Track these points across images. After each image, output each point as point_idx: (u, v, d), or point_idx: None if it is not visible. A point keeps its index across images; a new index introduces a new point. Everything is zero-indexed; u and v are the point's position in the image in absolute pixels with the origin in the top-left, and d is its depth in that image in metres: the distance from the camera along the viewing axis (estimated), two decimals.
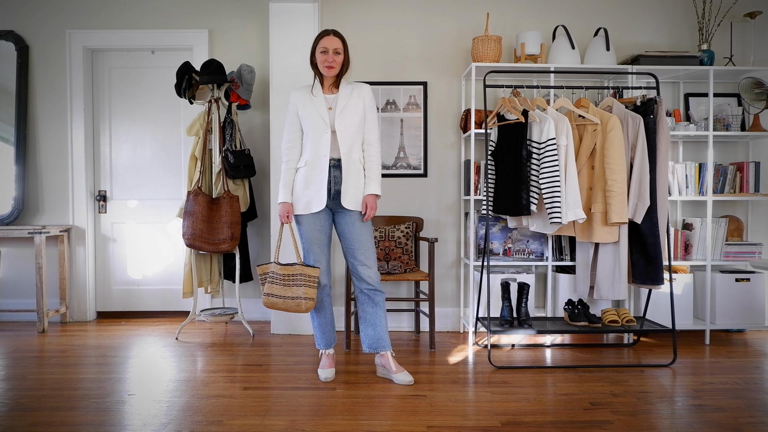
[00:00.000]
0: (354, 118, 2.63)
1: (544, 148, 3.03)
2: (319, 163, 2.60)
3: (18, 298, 4.04)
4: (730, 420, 2.23)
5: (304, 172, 2.63)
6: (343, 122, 2.60)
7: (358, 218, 2.64)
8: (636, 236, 3.14)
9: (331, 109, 2.63)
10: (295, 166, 2.68)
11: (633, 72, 3.36)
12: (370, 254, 2.66)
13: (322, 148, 2.59)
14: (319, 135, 2.60)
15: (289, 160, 2.68)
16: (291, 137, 2.69)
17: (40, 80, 3.99)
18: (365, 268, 2.65)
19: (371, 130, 2.69)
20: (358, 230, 2.65)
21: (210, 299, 4.02)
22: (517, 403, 2.40)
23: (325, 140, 2.59)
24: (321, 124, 2.60)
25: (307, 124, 2.63)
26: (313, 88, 2.68)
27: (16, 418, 2.23)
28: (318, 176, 2.60)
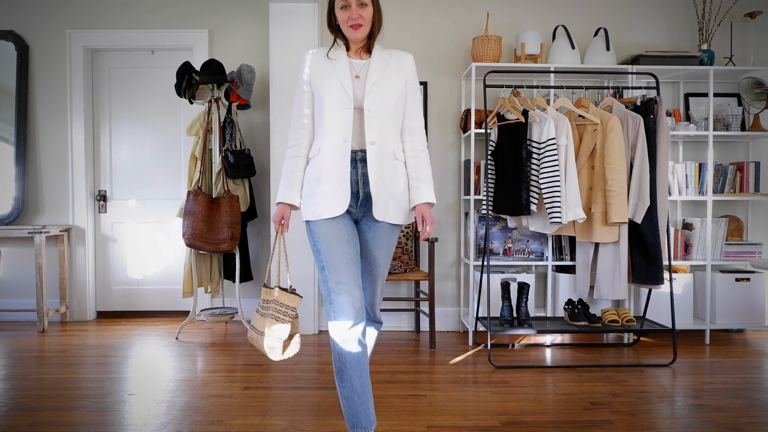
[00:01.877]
0: (391, 94, 1.90)
1: (544, 148, 3.03)
2: (336, 150, 1.86)
3: (18, 297, 4.04)
4: (730, 420, 2.23)
5: (318, 162, 1.90)
6: (376, 98, 1.87)
7: (387, 233, 1.94)
8: (636, 236, 3.14)
9: (358, 78, 1.91)
10: (304, 153, 1.95)
11: (633, 72, 3.36)
12: (382, 281, 2.01)
13: (342, 130, 1.86)
14: (338, 112, 1.87)
15: (295, 146, 1.94)
16: (300, 115, 1.96)
17: (40, 80, 3.99)
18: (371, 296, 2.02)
19: (415, 116, 1.99)
20: (383, 249, 1.94)
21: (210, 299, 4.02)
22: (517, 403, 2.40)
23: (347, 119, 1.85)
24: (342, 97, 1.86)
25: (323, 97, 1.89)
26: (330, 50, 1.96)
27: (16, 418, 2.23)
28: (336, 169, 1.86)
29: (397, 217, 1.92)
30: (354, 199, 1.90)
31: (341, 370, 1.80)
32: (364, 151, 1.88)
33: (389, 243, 1.97)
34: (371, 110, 1.87)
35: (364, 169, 1.88)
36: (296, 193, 1.92)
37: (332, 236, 1.84)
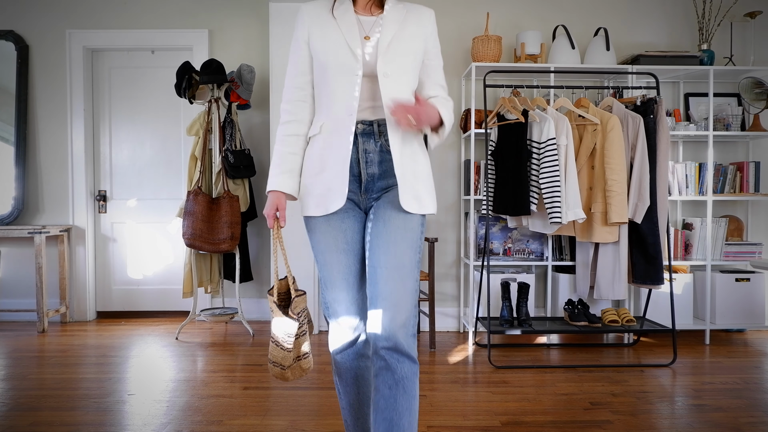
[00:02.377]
0: (409, 58, 1.54)
1: (544, 148, 3.03)
2: (340, 127, 1.50)
3: (18, 298, 4.04)
4: (730, 420, 2.23)
5: (320, 143, 1.53)
6: (392, 62, 1.51)
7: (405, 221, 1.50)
8: (636, 236, 3.14)
9: (368, 39, 1.53)
10: (303, 132, 1.58)
11: (633, 72, 3.36)
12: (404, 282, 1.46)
13: (347, 102, 1.49)
14: (343, 79, 1.50)
15: (292, 123, 1.57)
16: (296, 85, 1.58)
17: (40, 80, 3.99)
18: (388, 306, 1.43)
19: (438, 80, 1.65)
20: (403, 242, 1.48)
21: (210, 299, 4.02)
22: (517, 403, 2.40)
23: (354, 88, 1.49)
24: (350, 62, 1.49)
25: (326, 62, 1.51)
26: (334, 5, 1.57)
27: (16, 418, 2.23)
28: (338, 150, 1.50)
29: (428, 206, 1.54)
30: (356, 183, 1.53)
31: (338, 384, 1.66)
32: (368, 123, 1.51)
33: (411, 235, 1.51)
34: (387, 74, 1.50)
35: (366, 144, 1.51)
36: (293, 178, 1.55)
37: (327, 245, 1.54)
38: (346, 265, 1.53)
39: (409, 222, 1.51)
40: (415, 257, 1.50)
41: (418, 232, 1.53)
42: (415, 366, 1.45)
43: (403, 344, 1.42)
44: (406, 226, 1.50)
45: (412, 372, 1.43)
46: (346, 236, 1.53)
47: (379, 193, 1.54)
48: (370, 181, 1.53)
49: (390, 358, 1.42)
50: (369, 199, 1.56)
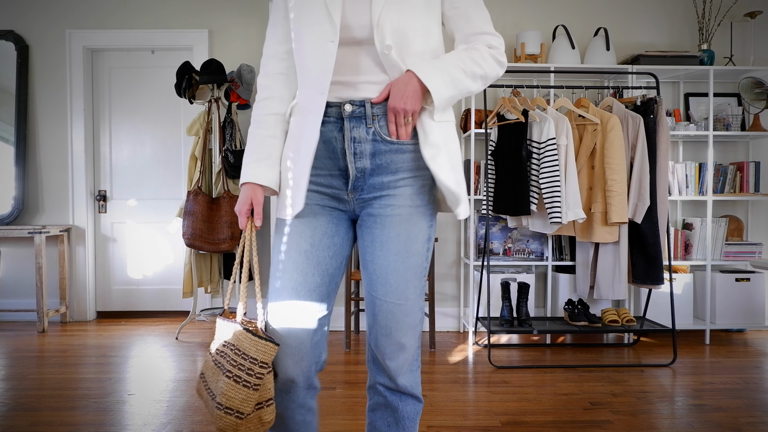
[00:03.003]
0: (413, 3, 1.17)
1: (544, 148, 3.03)
2: (310, 109, 1.19)
3: (18, 297, 4.04)
4: (730, 420, 2.23)
5: (293, 128, 1.25)
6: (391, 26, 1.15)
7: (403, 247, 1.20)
8: (636, 236, 3.14)
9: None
10: (282, 111, 1.28)
11: (633, 72, 3.36)
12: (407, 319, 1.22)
13: (318, 76, 1.17)
14: (316, 46, 1.18)
15: (268, 100, 1.27)
16: (273, 55, 1.28)
17: (40, 80, 3.99)
18: (389, 344, 1.23)
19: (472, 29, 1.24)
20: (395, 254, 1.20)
21: (210, 299, 4.02)
22: (517, 403, 2.40)
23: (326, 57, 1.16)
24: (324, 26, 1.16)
25: (299, 25, 1.20)
26: None
27: (16, 418, 2.23)
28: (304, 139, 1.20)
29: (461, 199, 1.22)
30: (342, 179, 1.22)
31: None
32: (358, 104, 1.18)
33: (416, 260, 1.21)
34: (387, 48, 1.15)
35: (355, 131, 1.18)
36: (272, 167, 1.23)
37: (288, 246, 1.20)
38: (303, 272, 1.19)
39: (413, 243, 1.21)
40: (420, 283, 1.23)
41: (424, 250, 1.23)
42: (419, 405, 1.28)
43: (407, 385, 1.25)
44: (409, 250, 1.20)
45: (415, 412, 1.27)
46: (314, 237, 1.20)
47: (374, 194, 1.22)
48: (360, 177, 1.20)
49: (391, 396, 1.26)
50: (359, 200, 1.23)
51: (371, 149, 1.19)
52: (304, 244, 1.20)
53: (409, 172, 1.22)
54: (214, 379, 1.19)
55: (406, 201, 1.21)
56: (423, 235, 1.23)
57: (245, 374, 1.11)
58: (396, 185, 1.21)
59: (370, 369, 1.28)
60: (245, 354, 1.12)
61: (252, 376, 1.11)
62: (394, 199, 1.21)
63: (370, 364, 1.29)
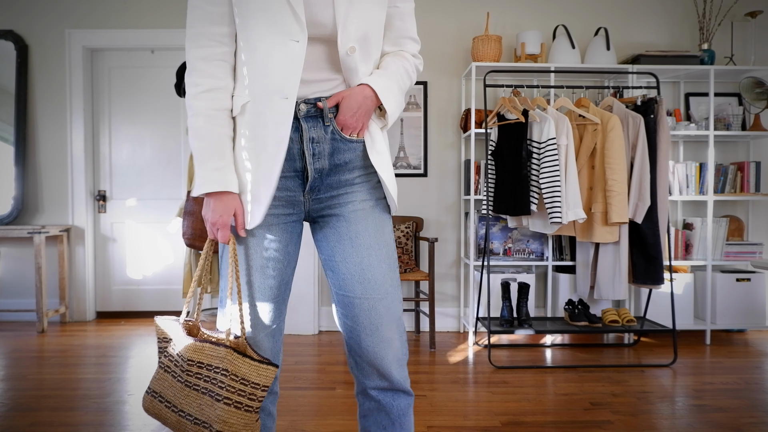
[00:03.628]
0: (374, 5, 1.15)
1: (545, 148, 3.03)
2: (269, 113, 1.11)
3: (17, 298, 4.04)
4: (731, 420, 2.23)
5: (245, 131, 1.15)
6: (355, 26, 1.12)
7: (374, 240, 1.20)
8: (636, 236, 3.13)
9: None
10: (230, 105, 1.17)
11: (633, 72, 3.36)
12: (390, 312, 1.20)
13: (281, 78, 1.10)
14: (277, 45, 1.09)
15: (217, 91, 1.14)
16: (208, 34, 1.13)
17: (39, 80, 3.98)
18: (377, 342, 1.19)
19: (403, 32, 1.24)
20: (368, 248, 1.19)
21: (210, 299, 4.01)
22: (517, 403, 2.39)
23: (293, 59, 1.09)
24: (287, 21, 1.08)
25: (247, 12, 1.10)
26: None
27: (15, 418, 2.23)
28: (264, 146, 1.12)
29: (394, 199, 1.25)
30: (298, 180, 1.18)
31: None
32: (313, 103, 1.14)
33: (387, 250, 1.21)
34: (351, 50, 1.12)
35: (313, 131, 1.13)
36: (234, 173, 1.16)
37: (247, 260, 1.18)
38: (267, 287, 1.18)
39: (381, 235, 1.20)
40: (395, 274, 1.21)
41: (391, 241, 1.23)
42: (411, 398, 1.25)
43: (398, 380, 1.21)
44: (380, 241, 1.19)
45: (408, 404, 1.24)
46: (269, 251, 1.18)
47: (330, 193, 1.19)
48: (318, 178, 1.17)
49: (384, 398, 1.22)
50: (315, 200, 1.20)
51: (330, 149, 1.16)
52: (259, 259, 1.17)
53: (364, 169, 1.22)
54: (188, 401, 1.11)
55: (366, 195, 1.21)
56: (388, 226, 1.23)
57: (247, 399, 1.08)
58: (353, 182, 1.21)
59: (356, 375, 1.25)
60: (245, 379, 1.08)
61: (254, 401, 1.09)
62: (354, 195, 1.20)
63: (354, 370, 1.25)
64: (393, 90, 1.17)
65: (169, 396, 1.14)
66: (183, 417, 1.11)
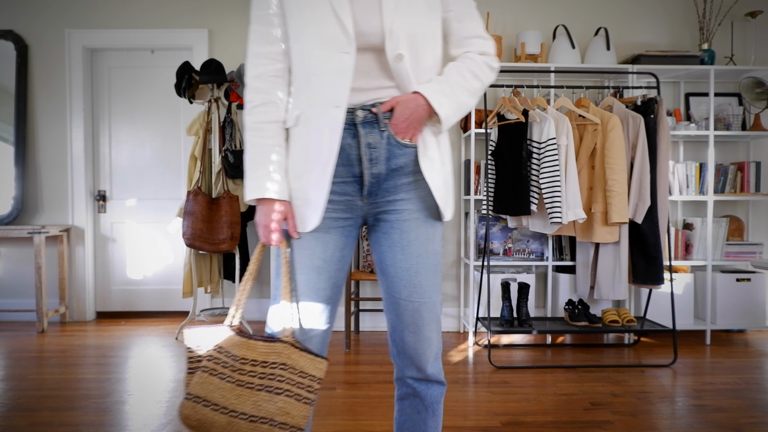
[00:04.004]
0: (422, 10, 1.18)
1: (545, 148, 3.03)
2: (321, 121, 1.17)
3: (17, 298, 4.04)
4: (731, 420, 2.22)
5: (299, 140, 1.21)
6: (401, 34, 1.15)
7: (425, 231, 1.26)
8: (636, 236, 3.13)
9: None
10: (282, 119, 1.23)
11: (633, 72, 3.36)
12: (431, 314, 1.28)
13: (332, 90, 1.15)
14: (327, 57, 1.15)
15: (268, 105, 1.22)
16: (265, 54, 1.21)
17: (39, 80, 3.98)
18: (418, 340, 1.29)
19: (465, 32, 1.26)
20: (417, 256, 1.25)
21: (210, 299, 4.01)
22: (517, 403, 2.39)
23: (342, 70, 1.14)
24: (334, 33, 1.14)
25: (300, 29, 1.17)
26: None
27: (15, 418, 2.23)
28: (318, 151, 1.18)
29: (448, 206, 1.28)
30: (356, 185, 1.22)
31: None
32: (369, 109, 1.17)
33: (434, 259, 1.27)
34: (399, 57, 1.15)
35: (369, 136, 1.18)
36: (284, 181, 1.22)
37: (300, 259, 1.22)
38: (319, 289, 1.22)
39: (431, 245, 1.26)
40: (437, 281, 1.30)
41: (439, 248, 1.30)
42: (443, 387, 1.35)
43: (434, 373, 1.32)
44: (428, 251, 1.26)
45: (440, 394, 1.35)
46: (326, 253, 1.22)
47: (387, 197, 1.24)
48: (375, 183, 1.21)
49: (419, 386, 1.33)
50: (372, 204, 1.25)
51: (386, 153, 1.20)
52: (316, 260, 1.22)
53: (417, 174, 1.25)
54: (241, 401, 1.13)
55: (420, 204, 1.26)
56: (438, 235, 1.29)
57: (305, 392, 1.14)
58: (409, 188, 1.25)
59: (396, 363, 1.35)
60: (303, 372, 1.14)
61: (312, 393, 1.15)
62: (407, 203, 1.25)
63: (395, 358, 1.35)
64: (448, 96, 1.20)
65: (217, 398, 1.14)
66: (235, 417, 1.12)
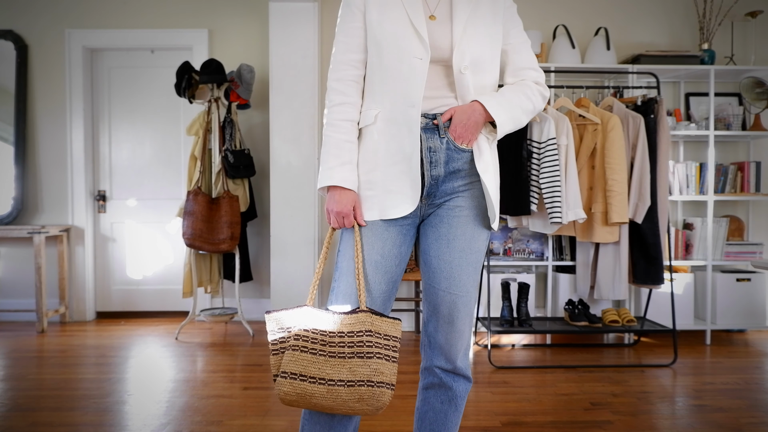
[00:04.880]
0: (485, 44, 1.33)
1: (545, 148, 3.02)
2: (400, 119, 1.30)
3: (17, 298, 4.04)
4: (731, 420, 2.22)
5: (375, 136, 1.34)
6: (469, 50, 1.31)
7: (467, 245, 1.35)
8: (636, 236, 3.13)
9: (433, 19, 1.32)
10: (356, 118, 1.37)
11: (633, 71, 3.36)
12: (466, 308, 1.36)
13: (409, 91, 1.29)
14: (405, 65, 1.29)
15: (345, 105, 1.35)
16: (347, 62, 1.36)
17: (39, 80, 3.98)
18: (451, 331, 1.36)
19: (520, 64, 1.40)
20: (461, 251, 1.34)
21: (210, 299, 4.01)
22: (518, 403, 2.39)
23: (418, 76, 1.29)
24: (413, 44, 1.29)
25: (382, 40, 1.31)
26: None
27: (15, 418, 2.23)
28: (399, 146, 1.31)
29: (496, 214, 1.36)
30: (421, 184, 1.33)
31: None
32: (432, 117, 1.32)
33: (476, 258, 1.35)
34: (466, 68, 1.30)
35: (431, 141, 1.31)
36: (353, 172, 1.33)
37: (383, 248, 1.31)
38: (376, 282, 1.31)
39: (475, 243, 1.34)
40: (477, 278, 1.37)
41: (483, 249, 1.38)
42: (470, 384, 1.42)
43: (462, 367, 1.39)
44: (472, 248, 1.34)
45: (466, 390, 1.42)
46: (384, 249, 1.32)
47: (444, 198, 1.34)
48: (434, 184, 1.32)
49: (446, 377, 1.39)
50: (430, 205, 1.36)
51: (445, 157, 1.32)
52: (375, 255, 1.31)
53: (471, 177, 1.35)
54: (337, 369, 1.23)
55: (472, 203, 1.36)
56: (484, 235, 1.37)
57: (392, 351, 1.25)
58: (464, 189, 1.36)
59: (426, 353, 1.41)
60: (387, 335, 1.26)
61: (396, 352, 1.26)
62: (462, 200, 1.35)
63: (426, 348, 1.40)
64: (503, 105, 1.31)
65: (313, 372, 1.23)
66: (333, 385, 1.22)
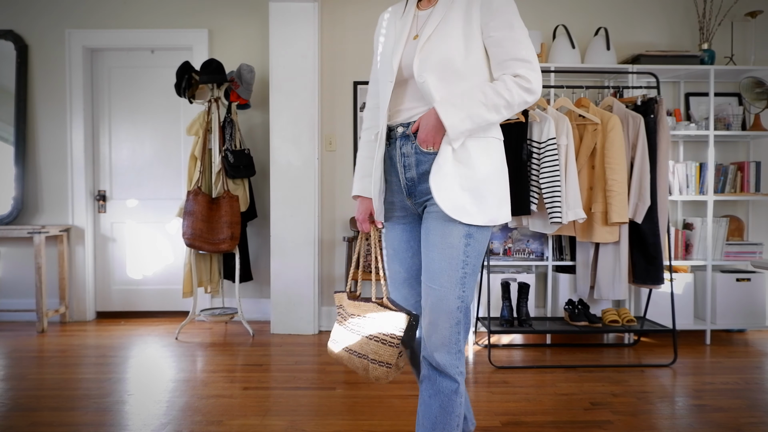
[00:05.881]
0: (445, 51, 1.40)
1: (545, 148, 3.03)
2: (381, 133, 1.53)
3: (17, 298, 4.04)
4: (731, 420, 2.23)
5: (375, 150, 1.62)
6: (426, 62, 1.41)
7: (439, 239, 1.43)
8: (636, 236, 3.13)
9: (416, 38, 1.46)
10: (373, 138, 1.65)
11: (633, 71, 3.36)
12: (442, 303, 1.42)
13: (384, 107, 1.50)
14: (384, 84, 1.52)
15: (368, 129, 1.66)
16: (371, 91, 1.66)
17: (39, 80, 3.98)
18: (427, 323, 1.45)
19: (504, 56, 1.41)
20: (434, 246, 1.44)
21: (210, 299, 4.01)
22: (517, 403, 2.39)
23: (387, 93, 1.48)
24: (386, 65, 1.50)
25: (376, 69, 1.61)
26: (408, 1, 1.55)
27: (15, 418, 2.23)
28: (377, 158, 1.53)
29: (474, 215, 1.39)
30: (407, 188, 1.52)
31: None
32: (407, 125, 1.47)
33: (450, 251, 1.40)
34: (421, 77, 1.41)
35: (404, 147, 1.47)
36: (369, 183, 1.60)
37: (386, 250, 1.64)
38: (395, 271, 1.61)
39: (448, 237, 1.41)
40: (455, 273, 1.40)
41: (461, 245, 1.40)
42: (455, 385, 1.43)
43: (441, 363, 1.42)
44: (445, 243, 1.41)
45: (450, 390, 1.43)
46: (393, 244, 1.61)
47: (423, 198, 1.49)
48: (411, 185, 1.50)
49: (431, 372, 1.46)
50: (417, 204, 1.53)
51: (415, 161, 1.47)
52: (389, 249, 1.62)
53: None
54: (352, 341, 1.54)
55: None
56: (457, 231, 1.41)
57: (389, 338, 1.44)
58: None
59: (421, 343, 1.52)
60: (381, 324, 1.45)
61: (394, 338, 1.43)
62: (432, 200, 1.47)
63: (421, 338, 1.51)
64: (457, 106, 1.37)
65: (342, 340, 1.58)
66: (349, 353, 1.54)
